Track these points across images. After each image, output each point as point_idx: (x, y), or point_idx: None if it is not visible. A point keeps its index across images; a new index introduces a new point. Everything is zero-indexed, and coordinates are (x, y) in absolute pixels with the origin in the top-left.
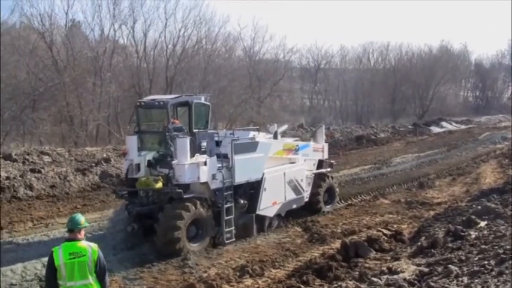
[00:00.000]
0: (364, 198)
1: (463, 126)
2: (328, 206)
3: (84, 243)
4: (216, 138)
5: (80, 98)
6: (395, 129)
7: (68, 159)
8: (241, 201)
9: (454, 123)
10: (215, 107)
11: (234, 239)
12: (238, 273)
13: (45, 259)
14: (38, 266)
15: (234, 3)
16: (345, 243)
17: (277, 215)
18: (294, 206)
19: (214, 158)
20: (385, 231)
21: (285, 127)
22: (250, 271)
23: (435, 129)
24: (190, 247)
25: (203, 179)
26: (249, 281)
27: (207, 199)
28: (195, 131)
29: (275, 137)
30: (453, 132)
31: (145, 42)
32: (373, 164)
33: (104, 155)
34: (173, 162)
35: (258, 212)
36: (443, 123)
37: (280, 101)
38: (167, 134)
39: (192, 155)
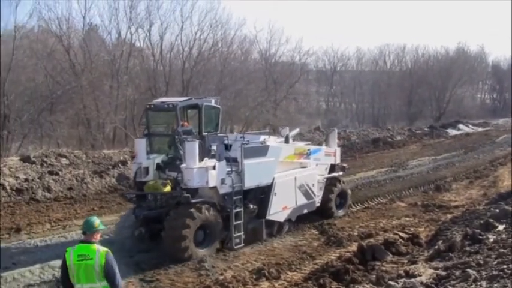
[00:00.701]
0: (381, 201)
1: (480, 129)
2: (340, 210)
3: (94, 247)
4: (226, 142)
5: (96, 101)
6: (412, 131)
7: (85, 161)
8: (251, 206)
9: (471, 126)
10: (231, 109)
11: (243, 244)
12: (254, 276)
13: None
14: (55, 268)
15: (250, 5)
16: (362, 246)
17: (288, 220)
18: (305, 211)
19: (224, 162)
20: (402, 234)
21: (296, 131)
22: (267, 274)
23: (452, 132)
24: (197, 252)
25: (212, 184)
26: (265, 284)
27: (215, 204)
28: (204, 134)
29: (286, 141)
30: (470, 134)
31: (161, 45)
32: (390, 167)
33: (121, 158)
34: (182, 166)
35: (267, 217)
36: (460, 126)
37: (296, 103)
38: (176, 137)
39: (201, 159)
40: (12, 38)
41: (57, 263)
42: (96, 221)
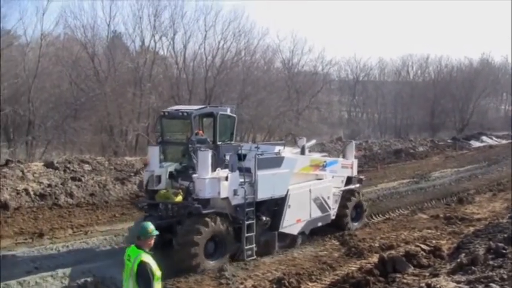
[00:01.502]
0: (402, 212)
1: (504, 141)
2: (355, 223)
3: (139, 251)
4: (241, 152)
5: (120, 108)
6: (435, 143)
7: (107, 168)
8: (264, 218)
9: (494, 138)
10: (254, 118)
11: (255, 257)
12: (274, 286)
13: (84, 265)
14: (77, 272)
15: (273, 15)
16: (383, 258)
17: (301, 233)
18: (319, 224)
19: (237, 173)
20: (423, 246)
21: (313, 142)
22: (287, 284)
23: (475, 144)
24: (207, 264)
25: (224, 195)
26: None
27: (227, 215)
28: (219, 143)
29: (302, 152)
30: (494, 146)
31: (185, 53)
32: (412, 178)
33: (143, 165)
34: (194, 175)
35: (280, 230)
36: (484, 138)
37: (319, 113)
38: (190, 145)
39: (215, 169)
40: (39, 46)
41: (79, 268)
42: (151, 226)
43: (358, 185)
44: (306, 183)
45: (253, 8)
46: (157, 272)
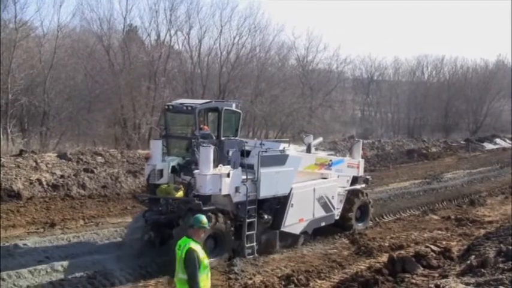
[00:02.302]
0: (413, 213)
1: None
2: (360, 224)
3: (188, 239)
4: (247, 148)
5: (134, 101)
6: (447, 144)
7: (120, 160)
8: (266, 217)
9: (508, 140)
10: (267, 115)
11: (256, 255)
12: (283, 282)
13: (95, 256)
14: (87, 263)
15: (289, 11)
16: (392, 258)
17: (304, 233)
18: (323, 224)
19: (239, 169)
20: (433, 247)
21: (319, 140)
22: (296, 281)
23: (488, 146)
24: None
25: (225, 192)
26: None
27: (229, 212)
28: (223, 138)
29: (308, 150)
30: (507, 149)
31: (200, 48)
32: (424, 179)
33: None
34: (195, 171)
35: (282, 229)
36: (497, 140)
37: (332, 111)
38: (193, 140)
39: (217, 165)
40: (55, 37)
41: (90, 258)
42: (204, 219)
43: (364, 185)
44: (310, 182)
45: (269, 4)
46: (205, 260)
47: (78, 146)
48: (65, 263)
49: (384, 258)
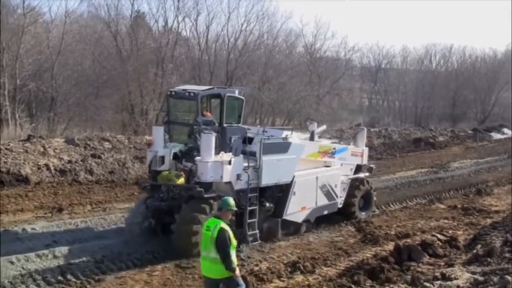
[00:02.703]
0: (420, 201)
1: None
2: (363, 213)
3: (218, 222)
4: (248, 135)
5: (141, 88)
6: (455, 133)
7: (127, 146)
8: (267, 205)
9: None
10: (274, 102)
11: (259, 241)
12: (289, 269)
13: (102, 241)
14: (94, 248)
15: None
16: (399, 246)
17: (306, 221)
18: (325, 212)
19: (241, 157)
20: (439, 236)
21: (323, 127)
22: (302, 267)
23: (496, 136)
24: None
25: (226, 179)
26: (299, 277)
27: None
28: (225, 125)
29: (311, 138)
30: None
31: (207, 35)
32: (430, 168)
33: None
34: (196, 158)
35: (284, 217)
36: (505, 130)
37: (339, 99)
38: (195, 127)
39: (218, 152)
40: (63, 23)
41: (97, 243)
42: (232, 201)
43: (367, 174)
44: (313, 170)
45: None
46: (234, 240)
47: (85, 131)
48: (73, 248)
49: (390, 246)
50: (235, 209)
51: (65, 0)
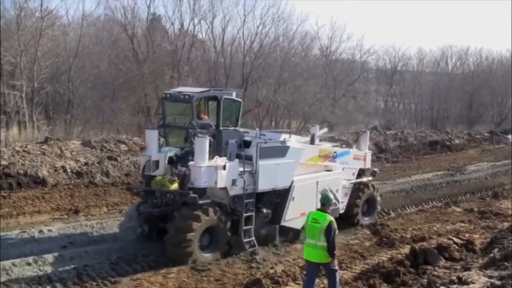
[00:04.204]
0: (436, 204)
1: None
2: (366, 218)
3: (325, 215)
4: (246, 139)
5: (157, 90)
6: (471, 136)
7: None
8: (264, 211)
9: None
10: (290, 105)
11: (256, 247)
12: (304, 272)
13: (117, 243)
14: (110, 249)
15: (312, 1)
16: (414, 249)
17: None
18: None
19: (236, 161)
20: (456, 239)
21: (324, 130)
22: None
23: None
24: (201, 257)
25: (221, 185)
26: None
27: (225, 206)
28: (221, 128)
29: (312, 141)
30: None
31: (223, 37)
32: (447, 171)
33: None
34: (190, 163)
35: (282, 223)
36: None
37: (355, 102)
38: (190, 130)
39: (213, 156)
40: (80, 26)
41: (112, 245)
42: (331, 196)
43: (371, 178)
44: (313, 174)
45: None
46: (337, 231)
47: (102, 133)
48: (89, 249)
49: (406, 249)
50: (332, 202)
51: (81, 3)
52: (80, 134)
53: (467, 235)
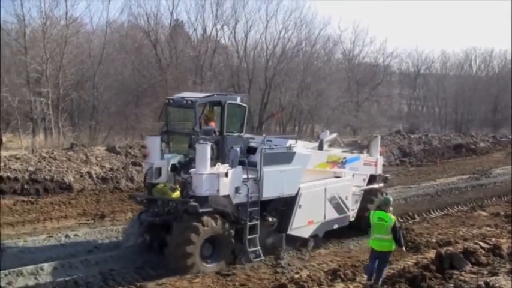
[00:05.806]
0: (461, 208)
1: None
2: None
3: (388, 214)
4: (253, 145)
5: None
6: (496, 139)
7: None
8: (270, 219)
9: None
10: (313, 109)
11: (262, 258)
12: (329, 277)
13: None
14: (135, 254)
15: (335, 5)
16: (440, 254)
17: (314, 236)
18: (335, 226)
19: (239, 168)
20: (482, 244)
21: (333, 136)
22: (342, 275)
23: None
24: (203, 267)
25: (223, 192)
26: (340, 285)
27: (229, 214)
28: (225, 134)
29: (320, 147)
30: None
31: (246, 42)
32: (472, 174)
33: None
34: (191, 170)
35: (289, 232)
36: None
37: (378, 105)
38: (193, 136)
39: (215, 163)
40: (104, 33)
41: (137, 250)
42: (391, 198)
43: (382, 184)
44: (322, 181)
45: None
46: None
47: (126, 139)
48: (114, 254)
49: (432, 254)
50: (391, 202)
51: (105, 11)
52: (105, 139)
53: (493, 239)
